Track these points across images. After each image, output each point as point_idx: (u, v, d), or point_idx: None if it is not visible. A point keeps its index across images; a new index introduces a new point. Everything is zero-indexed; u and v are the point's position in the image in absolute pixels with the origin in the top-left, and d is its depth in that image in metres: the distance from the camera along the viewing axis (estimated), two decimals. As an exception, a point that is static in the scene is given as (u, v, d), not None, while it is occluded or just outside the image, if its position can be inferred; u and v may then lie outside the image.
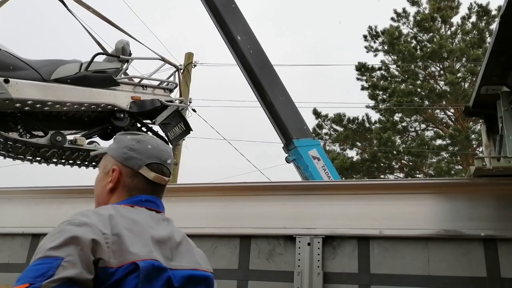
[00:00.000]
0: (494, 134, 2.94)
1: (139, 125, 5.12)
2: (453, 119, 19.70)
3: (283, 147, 6.56)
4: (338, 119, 20.07)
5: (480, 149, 16.94)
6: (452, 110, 19.53)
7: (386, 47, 20.54)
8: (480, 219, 2.26)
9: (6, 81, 4.15)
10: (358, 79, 20.98)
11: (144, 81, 5.20)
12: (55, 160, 4.81)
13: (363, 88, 20.79)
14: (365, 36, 21.10)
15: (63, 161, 4.87)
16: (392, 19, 20.75)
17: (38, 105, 4.34)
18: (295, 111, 6.59)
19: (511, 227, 2.19)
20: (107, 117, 4.92)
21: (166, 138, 5.28)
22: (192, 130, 5.63)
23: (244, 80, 6.59)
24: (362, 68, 20.72)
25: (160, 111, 5.26)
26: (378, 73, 20.94)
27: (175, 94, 5.49)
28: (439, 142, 19.10)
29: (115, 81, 4.80)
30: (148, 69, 5.35)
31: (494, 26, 17.47)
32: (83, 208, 2.86)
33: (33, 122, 4.58)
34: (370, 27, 21.00)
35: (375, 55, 21.13)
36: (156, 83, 5.27)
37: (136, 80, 5.17)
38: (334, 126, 20.55)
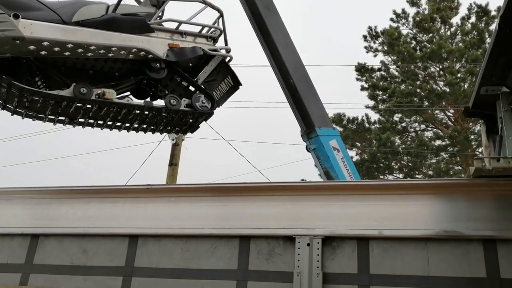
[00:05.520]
0: (494, 134, 2.94)
1: (178, 78, 4.40)
2: (452, 120, 19.72)
3: (302, 135, 6.32)
4: (338, 119, 20.08)
5: (480, 150, 16.95)
6: (451, 111, 19.54)
7: (385, 48, 20.55)
8: (479, 219, 2.26)
9: (16, 16, 3.56)
10: (357, 79, 21.02)
11: (183, 28, 4.46)
12: (81, 119, 4.13)
13: (362, 88, 20.82)
14: (365, 37, 21.13)
15: (90, 121, 4.18)
16: (392, 19, 20.78)
17: (56, 48, 3.73)
18: (317, 98, 6.36)
19: (511, 227, 2.19)
20: (140, 69, 4.22)
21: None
22: (241, 85, 4.87)
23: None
24: (361, 69, 20.73)
25: (202, 67, 4.52)
26: (378, 73, 20.96)
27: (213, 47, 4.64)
28: (438, 142, 19.12)
29: (148, 27, 4.12)
30: (185, 16, 4.59)
31: (493, 26, 17.49)
32: (82, 208, 2.87)
33: (54, 74, 3.96)
34: (370, 28, 21.04)
35: (375, 56, 21.18)
36: (197, 30, 4.53)
37: (174, 26, 4.41)
38: (334, 126, 20.52)
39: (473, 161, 2.37)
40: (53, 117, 4.06)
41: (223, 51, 4.60)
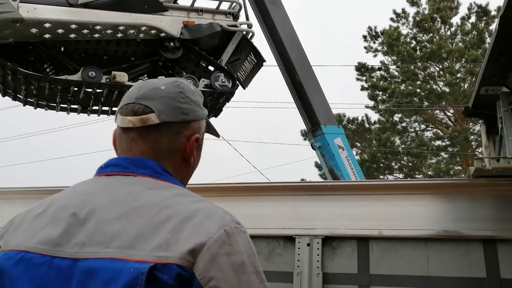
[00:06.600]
0: (494, 134, 2.95)
1: (196, 58, 4.08)
2: (452, 120, 19.73)
3: (307, 132, 6.35)
4: (338, 119, 20.09)
5: (480, 150, 16.96)
6: (451, 111, 19.55)
7: (385, 48, 20.56)
8: (479, 219, 2.26)
9: None
10: (358, 79, 21.03)
11: (199, 4, 4.23)
12: (95, 107, 3.92)
13: (362, 88, 20.83)
14: (364, 37, 21.13)
15: (105, 108, 3.94)
16: (392, 19, 20.79)
17: (60, 30, 3.51)
18: (322, 96, 6.36)
19: (511, 227, 2.19)
20: (155, 50, 3.98)
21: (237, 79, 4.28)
22: (265, 61, 4.65)
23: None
24: (361, 69, 20.74)
25: (224, 47, 4.27)
26: (378, 73, 20.97)
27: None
28: (438, 142, 19.13)
29: (161, 5, 3.90)
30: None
31: (493, 26, 17.49)
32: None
33: (65, 60, 3.75)
34: (369, 28, 21.04)
35: (375, 56, 21.19)
36: (214, 8, 4.21)
37: (188, 4, 4.18)
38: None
39: (473, 161, 2.37)
40: (65, 105, 3.88)
41: (244, 27, 4.35)
